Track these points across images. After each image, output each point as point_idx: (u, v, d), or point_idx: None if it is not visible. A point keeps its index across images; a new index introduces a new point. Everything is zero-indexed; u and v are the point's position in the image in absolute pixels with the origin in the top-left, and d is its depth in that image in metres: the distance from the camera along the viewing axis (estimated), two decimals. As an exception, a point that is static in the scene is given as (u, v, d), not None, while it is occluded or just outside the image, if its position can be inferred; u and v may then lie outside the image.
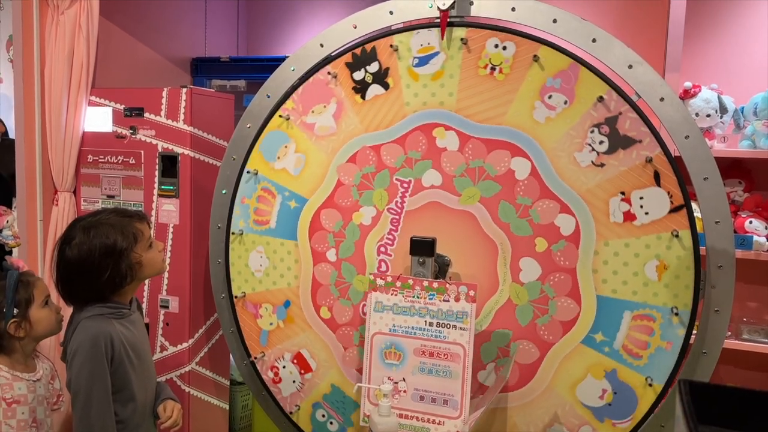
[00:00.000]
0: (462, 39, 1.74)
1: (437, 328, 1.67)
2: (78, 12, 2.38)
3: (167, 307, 2.38)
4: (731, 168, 2.46)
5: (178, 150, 2.32)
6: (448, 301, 1.65)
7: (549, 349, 1.74)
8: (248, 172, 1.97)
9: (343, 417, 1.95)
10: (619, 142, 1.65)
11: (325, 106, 1.89)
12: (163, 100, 2.33)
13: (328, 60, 1.88)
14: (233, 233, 2.00)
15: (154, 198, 2.37)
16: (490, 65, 1.73)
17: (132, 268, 1.56)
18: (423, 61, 1.79)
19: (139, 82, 2.82)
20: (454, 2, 1.72)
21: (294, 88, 1.91)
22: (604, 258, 1.67)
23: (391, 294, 1.70)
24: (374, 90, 1.84)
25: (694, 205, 1.63)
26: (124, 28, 2.75)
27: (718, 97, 2.36)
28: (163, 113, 2.34)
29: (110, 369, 1.52)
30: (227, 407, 2.62)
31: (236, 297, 2.01)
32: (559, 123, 1.69)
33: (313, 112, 1.90)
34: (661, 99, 1.63)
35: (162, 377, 2.37)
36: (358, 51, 1.84)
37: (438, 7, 1.73)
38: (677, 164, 1.62)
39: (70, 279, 1.55)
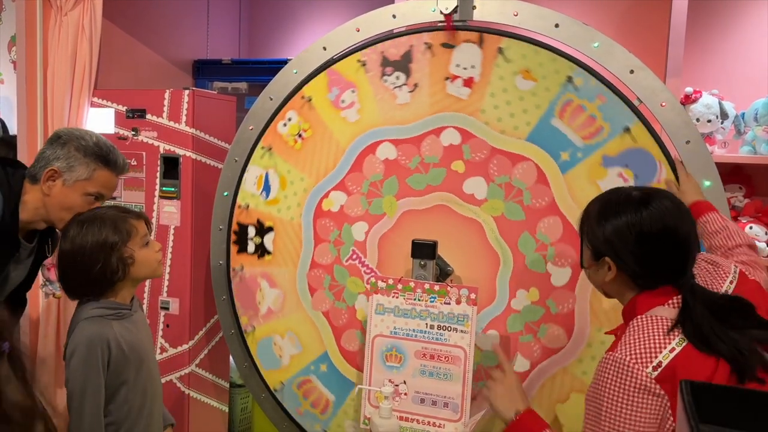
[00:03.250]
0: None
1: (438, 331, 1.67)
2: (81, 13, 2.38)
3: (168, 308, 2.38)
4: (732, 173, 2.47)
5: (179, 152, 2.33)
6: (449, 303, 1.66)
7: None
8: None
9: None
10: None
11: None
12: (165, 102, 2.34)
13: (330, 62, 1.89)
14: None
15: (156, 199, 2.37)
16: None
17: (124, 263, 1.53)
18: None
19: (141, 83, 2.82)
20: (456, 6, 1.73)
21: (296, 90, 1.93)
22: None
23: (393, 297, 1.70)
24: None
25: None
26: (126, 29, 2.76)
27: (719, 103, 2.36)
28: (165, 115, 2.34)
29: (107, 372, 1.51)
30: (227, 409, 2.61)
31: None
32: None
33: None
34: (662, 104, 1.63)
35: (162, 379, 2.36)
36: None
37: (441, 11, 1.74)
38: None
39: (66, 272, 1.55)
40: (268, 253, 1.98)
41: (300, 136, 1.93)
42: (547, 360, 1.73)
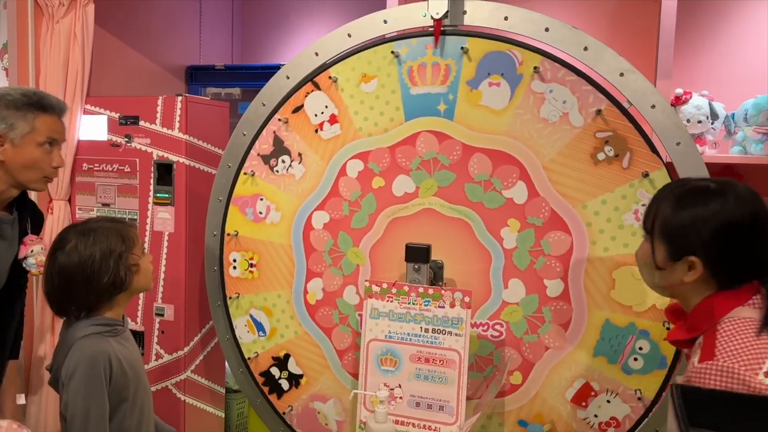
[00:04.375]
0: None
1: (433, 335, 1.68)
2: (73, 20, 2.38)
3: (162, 315, 2.38)
4: (723, 173, 2.48)
5: (173, 158, 2.33)
6: (444, 307, 1.66)
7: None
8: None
9: None
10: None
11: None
12: (158, 109, 2.34)
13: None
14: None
15: (149, 206, 2.37)
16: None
17: (131, 272, 1.52)
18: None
19: (134, 90, 2.82)
20: (447, 11, 1.74)
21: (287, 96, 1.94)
22: None
23: (387, 301, 1.71)
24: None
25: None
26: (119, 36, 2.76)
27: (709, 104, 2.38)
28: (158, 121, 2.35)
29: (108, 390, 1.46)
30: (223, 415, 2.61)
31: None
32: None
33: None
34: (653, 106, 1.65)
35: (157, 385, 2.37)
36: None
37: (432, 16, 1.75)
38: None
39: (67, 286, 1.48)
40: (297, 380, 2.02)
41: (251, 265, 2.03)
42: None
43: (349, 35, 1.86)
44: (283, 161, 1.95)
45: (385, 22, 1.83)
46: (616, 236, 1.68)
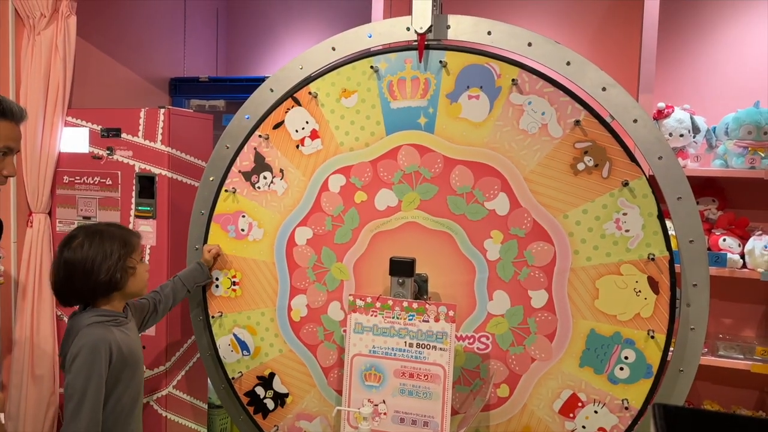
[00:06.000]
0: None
1: (417, 349, 1.66)
2: (55, 32, 2.36)
3: (144, 330, 2.34)
4: (705, 187, 2.51)
5: (155, 171, 2.30)
6: (428, 321, 1.65)
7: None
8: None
9: None
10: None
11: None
12: (141, 121, 2.32)
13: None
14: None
15: (131, 219, 2.34)
16: None
17: (126, 274, 1.64)
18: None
19: (116, 102, 2.80)
20: (431, 26, 1.74)
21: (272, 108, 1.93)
22: None
23: (371, 315, 1.69)
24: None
25: (668, 223, 1.66)
26: (101, 48, 2.74)
27: (691, 118, 2.41)
28: (140, 134, 2.32)
29: (107, 374, 1.57)
30: (205, 430, 2.57)
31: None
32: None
33: None
34: (635, 120, 1.66)
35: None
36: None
37: (416, 31, 1.75)
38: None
39: (70, 278, 1.61)
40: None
41: (234, 283, 2.01)
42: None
43: (334, 49, 1.86)
44: (265, 177, 1.94)
45: (370, 36, 1.83)
46: (599, 246, 1.68)
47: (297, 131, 1.90)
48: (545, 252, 1.72)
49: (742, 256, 2.33)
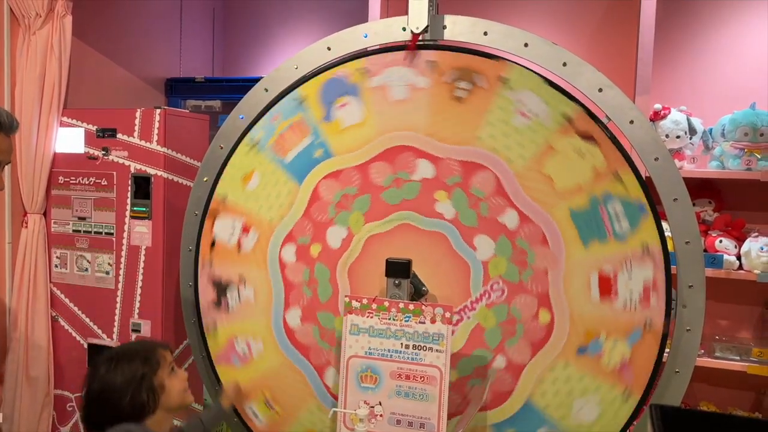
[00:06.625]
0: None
1: (413, 351, 1.66)
2: (50, 32, 2.35)
3: (139, 330, 2.33)
4: (701, 188, 2.51)
5: (151, 171, 2.30)
6: (424, 323, 1.65)
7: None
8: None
9: None
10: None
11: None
12: (137, 121, 2.31)
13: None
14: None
15: (126, 220, 2.34)
16: None
17: (155, 394, 1.53)
18: None
19: (112, 102, 2.79)
20: (427, 26, 1.74)
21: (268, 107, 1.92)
22: None
23: (367, 316, 1.69)
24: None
25: (664, 225, 1.66)
26: (97, 48, 2.73)
27: (687, 119, 2.41)
28: (136, 134, 2.32)
29: None
30: (201, 433, 2.56)
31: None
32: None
33: None
34: (631, 122, 1.65)
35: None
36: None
37: (412, 31, 1.75)
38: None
39: (94, 411, 1.53)
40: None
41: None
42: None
43: (329, 48, 1.85)
44: (233, 295, 1.94)
45: (365, 36, 1.82)
46: (522, 142, 1.71)
47: (231, 237, 1.93)
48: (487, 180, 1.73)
49: (739, 258, 2.33)
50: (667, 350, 1.66)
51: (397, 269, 1.72)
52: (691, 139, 2.42)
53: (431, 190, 1.78)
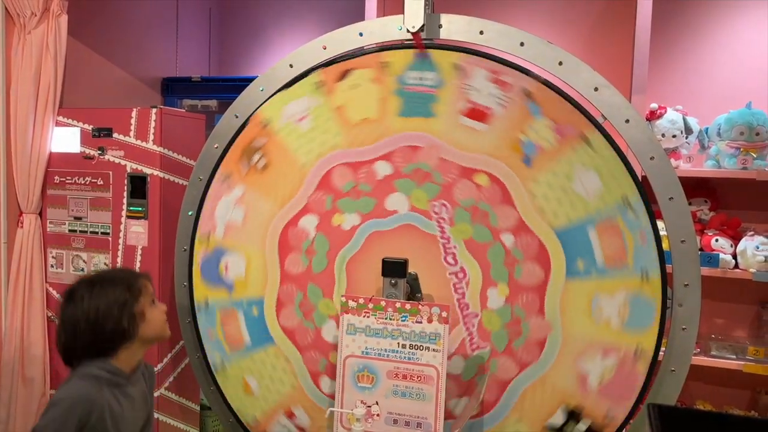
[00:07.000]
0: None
1: (410, 350, 1.66)
2: (45, 32, 2.34)
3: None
4: (697, 187, 2.52)
5: (147, 171, 2.29)
6: (421, 322, 1.65)
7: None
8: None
9: None
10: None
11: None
12: (133, 121, 2.31)
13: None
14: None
15: (123, 219, 2.33)
16: None
17: (135, 322, 1.52)
18: None
19: (108, 102, 2.78)
20: (423, 25, 1.74)
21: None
22: None
23: (363, 316, 1.69)
24: None
25: (660, 224, 1.66)
26: (93, 47, 2.72)
27: (683, 119, 2.41)
28: (132, 133, 2.31)
29: None
30: (197, 433, 2.56)
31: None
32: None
33: None
34: (627, 121, 1.66)
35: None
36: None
37: (408, 30, 1.75)
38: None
39: (75, 336, 1.50)
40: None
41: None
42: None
43: (324, 47, 1.85)
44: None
45: (361, 35, 1.82)
46: None
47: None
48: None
49: (734, 257, 2.34)
50: (662, 349, 1.67)
51: (394, 269, 1.71)
52: (687, 138, 2.42)
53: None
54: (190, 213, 2.00)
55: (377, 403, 1.67)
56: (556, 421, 1.71)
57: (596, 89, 1.67)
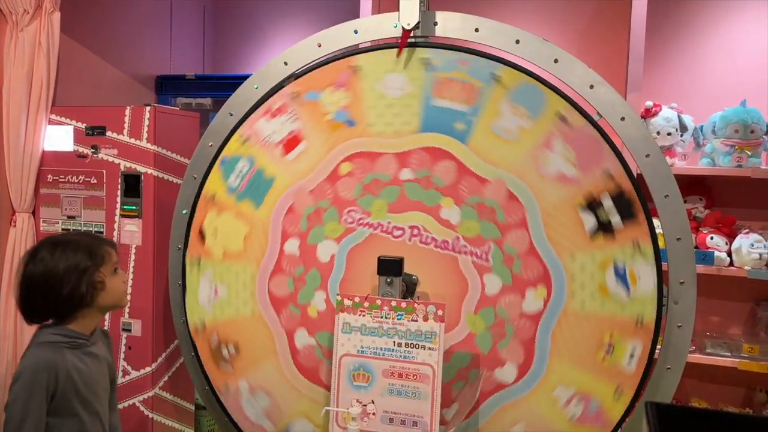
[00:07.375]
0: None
1: (406, 349, 1.65)
2: (38, 29, 2.33)
3: (129, 330, 2.31)
4: (692, 185, 2.52)
5: (141, 169, 2.28)
6: (417, 321, 1.64)
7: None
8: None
9: None
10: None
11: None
12: (126, 119, 2.29)
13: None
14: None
15: (116, 218, 2.32)
16: None
17: (94, 289, 1.51)
18: None
19: (102, 100, 2.76)
20: (419, 22, 1.73)
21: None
22: None
23: (359, 315, 1.68)
24: None
25: (655, 221, 1.66)
26: (86, 45, 2.70)
27: (678, 116, 2.42)
28: (125, 132, 2.30)
29: (52, 402, 1.46)
30: (192, 432, 2.55)
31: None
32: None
33: None
34: (622, 118, 1.66)
35: (124, 403, 2.30)
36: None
37: (403, 27, 1.74)
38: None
39: (31, 294, 1.51)
40: None
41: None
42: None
43: (319, 45, 1.84)
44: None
45: (356, 32, 1.81)
46: None
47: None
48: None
49: (729, 254, 2.34)
50: (658, 347, 1.67)
51: (389, 267, 1.71)
52: (682, 136, 2.43)
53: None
54: (184, 212, 1.99)
55: (373, 402, 1.67)
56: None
57: (592, 87, 1.67)
